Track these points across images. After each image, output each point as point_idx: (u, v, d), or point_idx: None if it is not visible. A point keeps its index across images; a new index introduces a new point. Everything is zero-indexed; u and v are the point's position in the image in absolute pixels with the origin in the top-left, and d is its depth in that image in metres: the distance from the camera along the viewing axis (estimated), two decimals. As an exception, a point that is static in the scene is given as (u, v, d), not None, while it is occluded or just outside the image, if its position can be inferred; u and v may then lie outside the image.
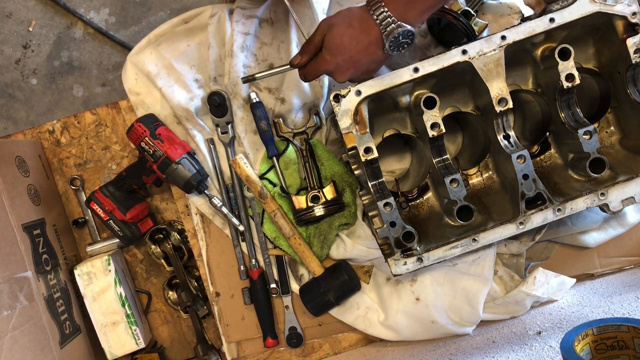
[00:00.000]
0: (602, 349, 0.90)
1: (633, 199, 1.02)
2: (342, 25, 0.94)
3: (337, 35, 0.94)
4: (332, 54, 0.95)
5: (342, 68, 0.96)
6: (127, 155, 1.41)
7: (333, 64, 0.96)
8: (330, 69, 0.97)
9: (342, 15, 0.96)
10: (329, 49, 0.95)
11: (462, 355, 1.07)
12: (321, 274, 1.19)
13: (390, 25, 0.92)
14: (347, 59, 0.95)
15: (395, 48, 0.95)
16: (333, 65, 0.96)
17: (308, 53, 0.99)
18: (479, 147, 1.15)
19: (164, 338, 1.44)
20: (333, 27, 0.94)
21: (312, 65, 0.99)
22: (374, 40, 0.94)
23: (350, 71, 0.97)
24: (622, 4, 0.99)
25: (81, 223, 1.41)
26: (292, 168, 1.23)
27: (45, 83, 1.85)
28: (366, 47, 0.94)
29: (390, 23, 0.91)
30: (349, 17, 0.95)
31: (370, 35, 0.93)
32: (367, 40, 0.94)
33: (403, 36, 0.93)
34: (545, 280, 1.15)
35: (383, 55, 0.97)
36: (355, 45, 0.94)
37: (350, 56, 0.95)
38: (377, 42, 0.94)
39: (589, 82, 1.12)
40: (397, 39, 0.93)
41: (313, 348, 1.28)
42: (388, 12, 0.91)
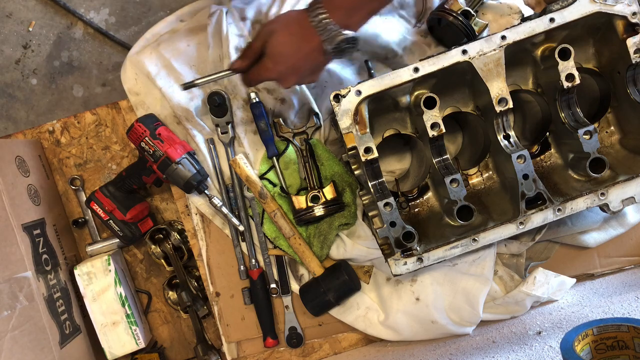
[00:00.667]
0: (602, 349, 0.90)
1: (633, 199, 1.02)
2: (282, 33, 0.93)
3: (278, 44, 0.93)
4: (274, 61, 0.94)
5: (285, 75, 0.96)
6: (127, 155, 1.41)
7: (275, 72, 0.96)
8: (273, 77, 0.97)
9: (282, 21, 0.95)
10: (271, 57, 0.94)
11: (462, 355, 1.07)
12: (321, 274, 1.19)
13: (332, 33, 0.90)
14: (290, 67, 0.95)
15: (338, 54, 0.95)
16: (276, 73, 0.96)
17: (249, 58, 0.98)
18: (479, 147, 1.15)
19: (164, 338, 1.44)
20: (273, 35, 0.94)
21: (254, 71, 0.98)
22: (316, 47, 0.93)
23: (294, 78, 0.97)
24: (622, 4, 0.99)
25: (81, 223, 1.41)
26: (292, 168, 1.22)
27: (45, 83, 1.85)
28: (308, 54, 0.94)
29: (332, 30, 0.90)
30: (289, 23, 0.94)
31: (312, 42, 0.92)
32: (308, 47, 0.93)
33: (345, 42, 0.92)
34: (545, 280, 1.15)
35: (326, 60, 0.97)
36: (297, 52, 0.93)
37: (293, 64, 0.94)
38: (318, 48, 0.93)
39: (589, 82, 1.12)
40: (339, 45, 0.92)
41: (313, 348, 1.27)
42: (328, 18, 0.90)
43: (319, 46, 0.93)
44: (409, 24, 1.20)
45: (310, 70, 0.98)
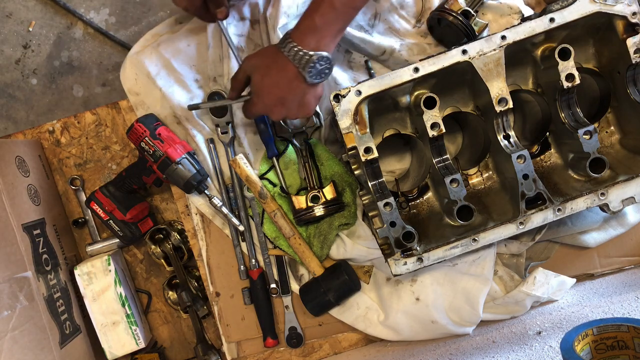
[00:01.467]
0: (602, 349, 0.90)
1: (633, 199, 1.02)
2: (261, 69, 0.99)
3: (259, 80, 1.00)
4: (259, 96, 1.01)
5: (273, 108, 1.01)
6: (127, 155, 1.41)
7: (262, 106, 1.02)
8: (261, 111, 1.04)
9: (260, 56, 1.01)
10: (255, 92, 1.02)
11: (462, 355, 1.07)
12: (321, 274, 1.19)
13: (304, 58, 0.95)
14: (275, 100, 1.00)
15: (316, 76, 0.98)
16: (262, 107, 1.02)
17: (235, 89, 1.06)
18: (479, 147, 1.15)
19: (164, 338, 1.44)
20: (254, 71, 1.00)
21: (246, 107, 1.06)
22: (293, 76, 0.97)
23: (281, 109, 1.02)
24: (622, 4, 0.99)
25: (81, 223, 1.41)
26: (292, 168, 1.22)
27: (45, 83, 1.85)
28: (287, 84, 0.98)
29: (303, 56, 0.95)
30: (265, 58, 1.00)
31: (288, 72, 0.97)
32: (286, 78, 0.98)
33: (319, 63, 0.96)
34: (545, 280, 1.15)
35: (307, 86, 1.00)
36: (277, 85, 0.99)
37: (277, 96, 1.00)
38: (296, 76, 0.98)
39: (589, 82, 1.12)
40: (314, 67, 0.96)
41: (313, 348, 1.28)
42: (298, 46, 0.95)
43: (297, 74, 0.97)
44: (409, 24, 1.20)
45: (295, 100, 1.01)
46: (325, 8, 0.94)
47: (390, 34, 1.20)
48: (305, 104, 1.03)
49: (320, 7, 0.94)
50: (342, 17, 0.96)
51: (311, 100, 1.03)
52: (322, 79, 0.99)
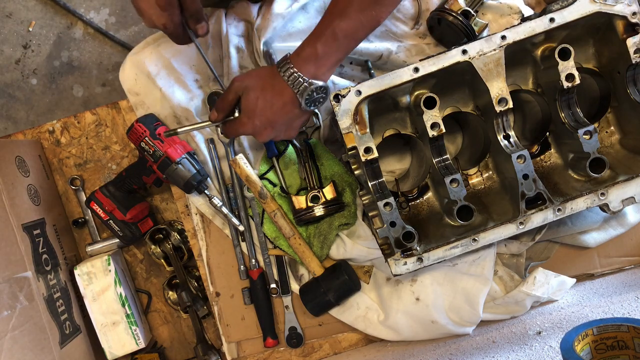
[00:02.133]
0: (602, 349, 0.90)
1: (633, 199, 1.02)
2: (256, 89, 0.97)
3: (252, 99, 0.97)
4: (249, 116, 0.98)
5: (261, 129, 0.99)
6: (127, 155, 1.41)
7: (251, 126, 0.99)
8: (248, 132, 1.00)
9: (255, 77, 0.99)
10: (246, 112, 0.98)
11: (462, 355, 1.07)
12: (321, 274, 1.19)
13: (303, 85, 0.95)
14: (265, 121, 0.98)
15: (311, 104, 0.98)
16: (251, 128, 0.99)
17: (223, 111, 1.02)
18: (479, 147, 1.15)
19: (164, 338, 1.44)
20: (247, 91, 0.98)
21: (230, 126, 1.02)
22: (289, 100, 0.97)
23: (269, 131, 1.00)
24: (622, 4, 0.99)
25: (81, 223, 1.41)
26: (292, 168, 1.23)
27: (45, 83, 1.85)
28: (281, 107, 0.97)
29: (302, 82, 0.95)
30: (261, 79, 0.98)
31: (284, 96, 0.96)
32: (281, 101, 0.97)
33: (316, 92, 0.96)
34: (545, 280, 1.15)
35: (301, 112, 1.00)
36: (271, 107, 0.97)
37: (267, 118, 0.98)
38: (292, 101, 0.97)
39: (589, 82, 1.12)
40: (311, 95, 0.96)
41: (313, 348, 1.28)
42: (297, 72, 0.94)
43: (293, 99, 0.97)
44: (406, 26, 1.20)
45: (285, 124, 1.01)
46: (327, 37, 0.94)
47: (388, 37, 1.20)
48: (292, 128, 1.03)
49: (323, 36, 0.94)
50: (344, 48, 0.96)
51: (299, 125, 1.04)
52: (316, 107, 1.00)
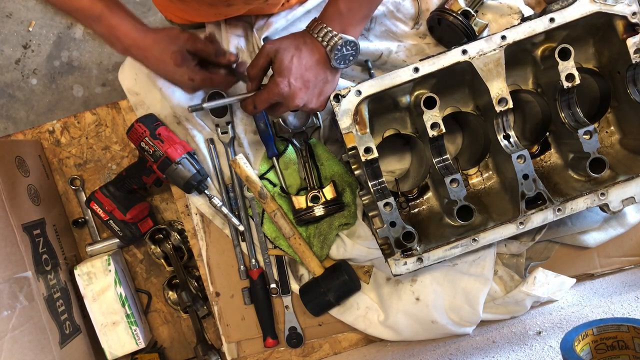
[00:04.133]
0: (602, 349, 0.90)
1: (633, 199, 1.02)
2: (289, 49, 0.97)
3: (287, 58, 0.97)
4: (284, 75, 0.97)
5: (295, 88, 0.97)
6: (127, 155, 1.41)
7: (286, 85, 0.97)
8: (283, 91, 0.97)
9: (287, 39, 0.99)
10: (280, 72, 0.97)
11: (462, 355, 1.07)
12: (321, 274, 1.19)
13: (333, 40, 0.96)
14: (299, 78, 0.97)
15: (342, 61, 0.98)
16: (286, 86, 0.97)
17: (256, 78, 1.02)
18: (479, 147, 1.15)
19: (164, 338, 1.44)
20: (280, 51, 0.97)
21: (263, 92, 1.00)
22: (321, 59, 0.98)
23: (303, 93, 0.98)
24: (622, 4, 0.99)
25: (81, 223, 1.41)
26: (292, 168, 1.23)
27: (45, 83, 1.85)
28: (314, 65, 0.98)
29: (332, 37, 0.96)
30: (294, 39, 0.98)
31: (317, 53, 0.97)
32: (314, 59, 0.97)
33: (347, 48, 0.97)
34: (545, 280, 1.15)
35: (331, 72, 1.00)
36: (305, 64, 0.97)
37: (302, 76, 0.97)
38: (323, 59, 0.98)
39: (589, 82, 1.12)
40: (340, 51, 0.97)
41: (313, 348, 1.28)
42: (329, 28, 0.96)
43: (324, 57, 0.97)
44: (406, 26, 1.20)
45: (318, 87, 1.00)
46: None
47: (388, 37, 1.20)
48: (323, 93, 1.02)
49: None
50: (367, 4, 0.97)
51: (329, 91, 1.02)
52: (346, 65, 0.99)
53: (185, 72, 1.00)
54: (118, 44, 0.98)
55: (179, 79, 1.01)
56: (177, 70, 0.99)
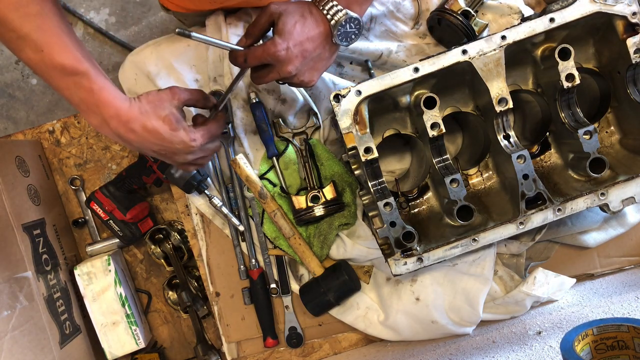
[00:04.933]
0: (602, 349, 0.90)
1: (633, 199, 1.02)
2: (294, 14, 0.95)
3: (289, 22, 0.94)
4: (283, 38, 0.93)
5: (292, 54, 0.94)
6: (127, 155, 1.41)
7: (283, 47, 0.93)
8: (280, 54, 0.93)
9: (294, 5, 0.97)
10: (281, 32, 0.93)
11: (462, 355, 1.07)
12: (321, 274, 1.19)
13: (338, 14, 0.95)
14: (297, 44, 0.94)
15: (344, 38, 0.97)
16: (283, 48, 0.92)
17: (253, 36, 0.97)
18: (479, 147, 1.15)
19: (164, 338, 1.44)
20: (285, 14, 0.94)
21: (259, 48, 0.94)
22: (324, 32, 0.96)
23: (299, 60, 0.95)
24: (622, 4, 0.99)
25: (81, 223, 1.41)
26: (292, 168, 1.23)
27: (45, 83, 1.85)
28: (316, 37, 0.96)
29: (338, 12, 0.95)
30: (300, 8, 0.96)
31: (320, 26, 0.96)
32: (317, 31, 0.96)
33: (350, 25, 0.96)
34: (545, 280, 1.15)
35: (330, 49, 0.99)
36: (307, 33, 0.95)
37: (301, 42, 0.94)
38: (326, 34, 0.97)
39: (589, 82, 1.12)
40: (344, 27, 0.96)
41: (313, 348, 1.28)
42: (335, 2, 0.95)
43: (327, 32, 0.96)
44: (406, 26, 1.20)
45: (313, 59, 0.98)
46: None
47: (388, 37, 1.20)
48: (316, 68, 1.00)
49: None
50: None
51: (321, 68, 1.01)
52: (347, 43, 0.98)
53: (184, 135, 0.91)
54: (97, 113, 0.85)
55: (179, 145, 0.91)
56: (174, 136, 0.89)
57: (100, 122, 0.86)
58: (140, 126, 0.86)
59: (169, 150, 0.92)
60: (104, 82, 0.85)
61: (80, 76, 0.83)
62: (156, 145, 0.90)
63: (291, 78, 0.98)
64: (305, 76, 0.99)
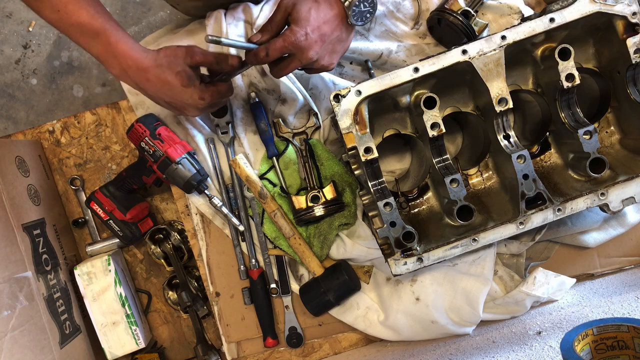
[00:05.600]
0: (602, 349, 0.90)
1: (633, 199, 1.02)
2: (307, 1, 0.95)
3: (304, 9, 0.94)
4: (301, 25, 0.94)
5: (311, 40, 0.94)
6: (127, 155, 1.41)
7: (302, 34, 0.93)
8: (300, 41, 0.93)
9: None
10: (297, 21, 0.94)
11: (462, 355, 1.07)
12: (321, 274, 1.19)
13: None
14: (315, 29, 0.95)
15: (359, 18, 0.98)
16: (302, 35, 0.93)
17: (269, 31, 0.97)
18: (479, 147, 1.15)
19: (164, 338, 1.44)
20: (298, 3, 0.95)
21: (279, 39, 0.94)
22: (339, 14, 0.97)
23: (319, 44, 0.96)
24: (622, 4, 0.99)
25: (81, 223, 1.41)
26: (292, 168, 1.23)
27: (45, 83, 1.85)
28: (331, 19, 0.96)
29: None
30: None
31: (335, 8, 0.96)
32: (332, 13, 0.96)
33: (364, 4, 0.97)
34: (545, 280, 1.15)
35: (346, 30, 0.99)
36: (322, 17, 0.95)
37: (318, 27, 0.95)
38: (341, 15, 0.97)
39: (589, 82, 1.12)
40: (358, 7, 0.97)
41: (313, 348, 1.28)
42: None
43: (342, 13, 0.97)
44: (406, 26, 1.20)
45: (332, 42, 0.98)
46: None
47: (388, 37, 1.20)
48: (336, 51, 1.01)
49: None
50: None
51: (340, 50, 1.02)
52: (363, 23, 0.99)
53: (194, 92, 0.95)
54: (115, 64, 0.92)
55: (188, 101, 0.96)
56: (185, 92, 0.95)
57: (119, 71, 0.93)
58: (155, 76, 0.93)
59: (179, 103, 0.98)
60: (120, 35, 0.91)
61: (96, 32, 0.90)
62: (168, 97, 0.96)
63: (312, 64, 0.98)
64: (325, 60, 1.00)
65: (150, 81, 0.93)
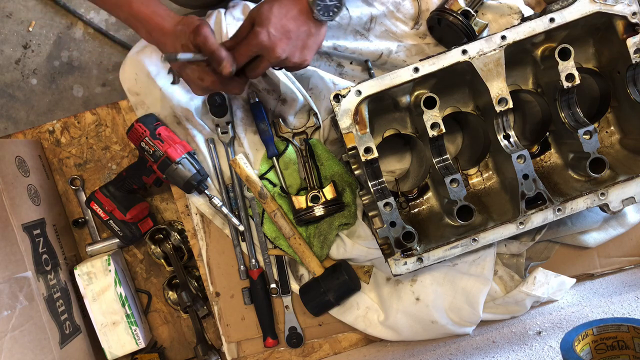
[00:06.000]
0: (602, 349, 0.90)
1: (633, 199, 1.02)
2: (269, 2, 0.94)
3: (265, 9, 0.93)
4: (263, 25, 0.92)
5: (275, 38, 0.93)
6: (127, 155, 1.41)
7: (265, 34, 0.92)
8: (263, 41, 0.92)
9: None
10: (259, 22, 0.93)
11: (462, 355, 1.07)
12: (321, 274, 1.19)
13: None
14: (279, 28, 0.93)
15: (325, 12, 0.96)
16: (265, 35, 0.92)
17: (237, 37, 0.97)
18: (479, 147, 1.15)
19: (164, 338, 1.44)
20: (261, 6, 0.94)
21: (242, 44, 0.94)
22: (303, 9, 0.95)
23: (284, 42, 0.94)
24: (622, 4, 0.99)
25: (81, 223, 1.41)
26: (292, 168, 1.23)
27: (45, 83, 1.85)
28: (296, 15, 0.95)
29: None
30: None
31: (298, 4, 0.95)
32: (296, 10, 0.95)
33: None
34: (545, 280, 1.15)
35: (315, 25, 0.97)
36: (286, 14, 0.94)
37: (282, 24, 0.93)
38: (306, 10, 0.95)
39: (589, 82, 1.12)
40: (324, 0, 0.95)
41: (313, 348, 1.28)
42: None
43: (307, 8, 0.95)
44: (406, 26, 1.20)
45: (301, 39, 0.97)
46: None
47: (388, 37, 1.20)
48: (307, 47, 0.98)
49: None
50: None
51: (313, 45, 0.99)
52: (330, 17, 0.97)
53: (195, 70, 0.94)
54: (141, 26, 0.95)
55: (189, 75, 0.96)
56: (187, 65, 0.94)
57: (145, 34, 0.96)
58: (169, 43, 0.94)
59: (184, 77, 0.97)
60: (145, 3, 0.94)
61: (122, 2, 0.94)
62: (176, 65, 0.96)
63: (283, 62, 0.97)
64: (297, 56, 0.98)
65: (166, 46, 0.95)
